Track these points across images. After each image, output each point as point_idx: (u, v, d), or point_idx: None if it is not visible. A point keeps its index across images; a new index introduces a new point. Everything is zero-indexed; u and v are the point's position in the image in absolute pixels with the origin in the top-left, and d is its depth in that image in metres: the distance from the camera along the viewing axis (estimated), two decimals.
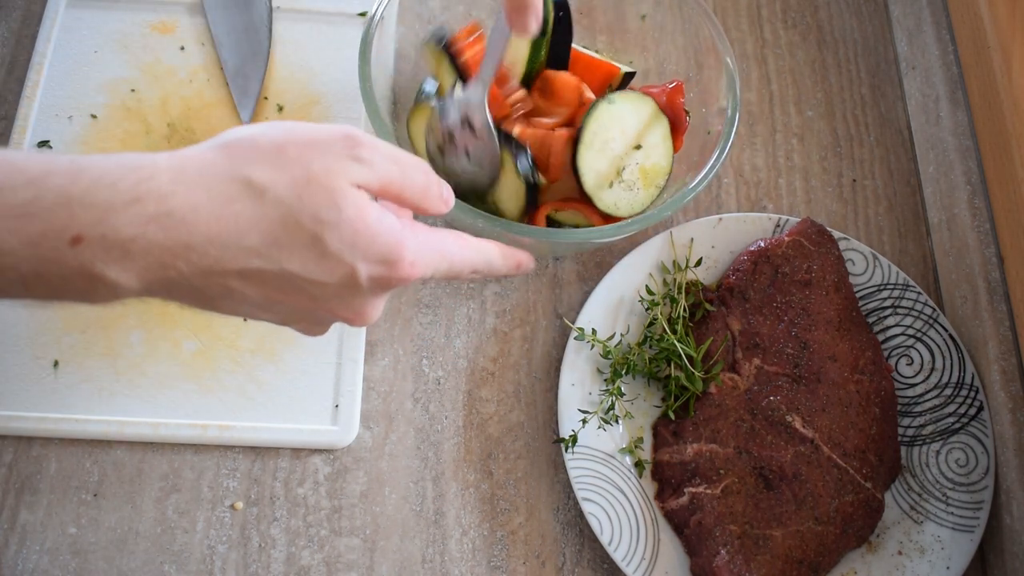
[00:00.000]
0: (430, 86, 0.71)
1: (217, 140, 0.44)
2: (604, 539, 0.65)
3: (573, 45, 0.71)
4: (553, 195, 0.70)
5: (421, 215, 0.51)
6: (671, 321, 0.71)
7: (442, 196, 0.51)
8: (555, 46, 0.70)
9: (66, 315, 0.70)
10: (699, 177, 0.67)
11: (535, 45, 0.70)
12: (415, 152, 0.70)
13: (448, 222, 0.69)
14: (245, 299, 0.45)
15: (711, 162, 0.67)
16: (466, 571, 0.66)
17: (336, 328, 0.71)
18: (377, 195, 0.47)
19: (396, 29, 0.78)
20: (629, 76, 0.73)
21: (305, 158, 0.44)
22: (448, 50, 0.69)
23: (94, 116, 0.77)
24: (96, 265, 0.40)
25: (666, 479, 0.68)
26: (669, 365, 0.70)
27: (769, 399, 0.69)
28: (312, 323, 0.50)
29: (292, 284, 0.45)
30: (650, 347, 0.72)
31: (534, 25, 0.58)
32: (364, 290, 0.47)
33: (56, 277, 0.40)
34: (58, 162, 0.40)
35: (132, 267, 0.41)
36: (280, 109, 0.79)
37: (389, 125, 0.67)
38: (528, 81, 0.71)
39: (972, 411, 0.70)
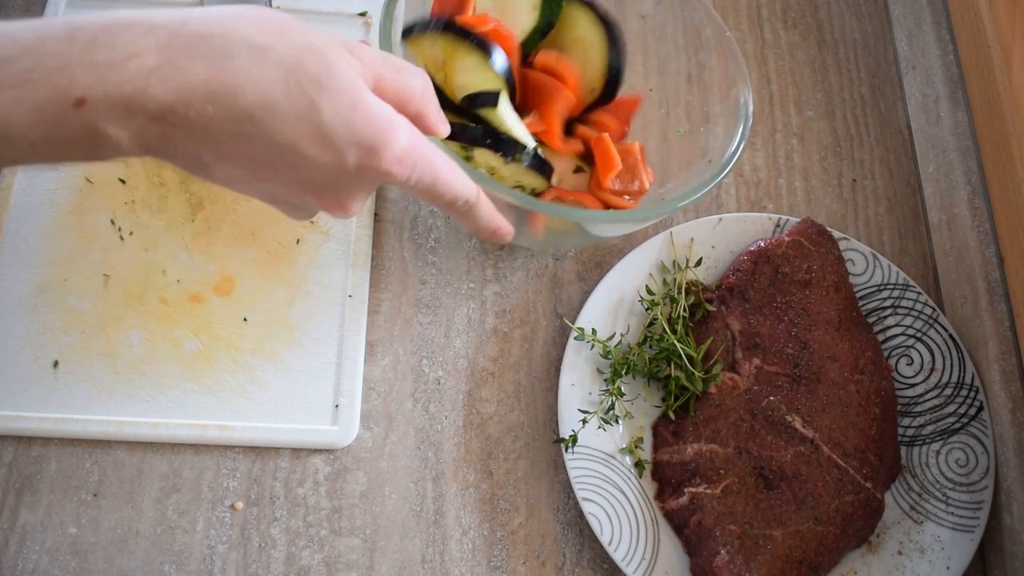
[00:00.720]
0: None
1: (218, 7, 0.44)
2: (604, 539, 0.65)
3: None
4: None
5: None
6: (671, 321, 0.71)
7: (441, 113, 0.51)
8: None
9: (66, 315, 0.70)
10: (703, 187, 0.66)
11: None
12: None
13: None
14: (235, 167, 0.45)
15: (716, 178, 0.66)
16: (466, 571, 0.66)
17: (336, 328, 0.71)
18: (371, 90, 0.46)
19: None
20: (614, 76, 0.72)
21: (305, 33, 0.44)
22: (456, 29, 0.64)
23: None
24: (100, 124, 0.40)
25: (666, 479, 0.68)
26: (669, 365, 0.70)
27: (769, 399, 0.69)
28: (295, 207, 0.49)
29: (281, 159, 0.44)
30: (650, 347, 0.72)
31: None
32: (350, 177, 0.46)
33: (63, 139, 0.41)
34: (52, 26, 0.40)
35: (132, 124, 0.41)
36: None
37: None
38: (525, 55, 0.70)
39: (972, 411, 0.70)
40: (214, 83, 0.41)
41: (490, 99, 0.63)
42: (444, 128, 0.52)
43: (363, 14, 0.82)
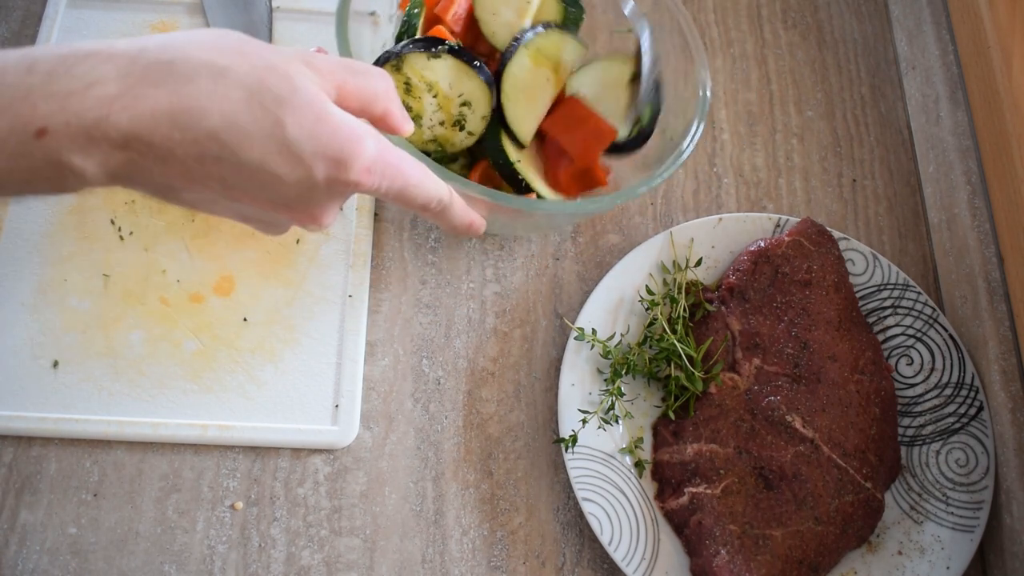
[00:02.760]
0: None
1: (176, 33, 0.44)
2: (604, 539, 0.65)
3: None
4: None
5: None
6: (671, 321, 0.71)
7: (405, 113, 0.51)
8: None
9: (66, 315, 0.70)
10: (671, 161, 0.67)
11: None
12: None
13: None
14: (204, 192, 0.45)
15: (684, 145, 0.67)
16: (466, 571, 0.66)
17: (336, 328, 0.71)
18: (334, 100, 0.46)
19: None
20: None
21: (264, 52, 0.44)
22: (460, 55, 0.67)
23: None
24: (63, 154, 0.40)
25: (666, 479, 0.68)
26: (669, 365, 0.70)
27: (769, 399, 0.69)
28: (268, 223, 0.50)
29: (250, 179, 0.44)
30: (650, 347, 0.72)
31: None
32: (320, 191, 0.46)
33: (26, 171, 0.40)
34: (9, 57, 0.40)
35: (96, 152, 0.41)
36: None
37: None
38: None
39: (972, 411, 0.70)
40: (177, 107, 0.41)
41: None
42: (408, 127, 0.53)
43: (372, 14, 0.82)
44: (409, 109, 0.66)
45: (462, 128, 0.67)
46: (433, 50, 0.66)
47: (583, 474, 0.67)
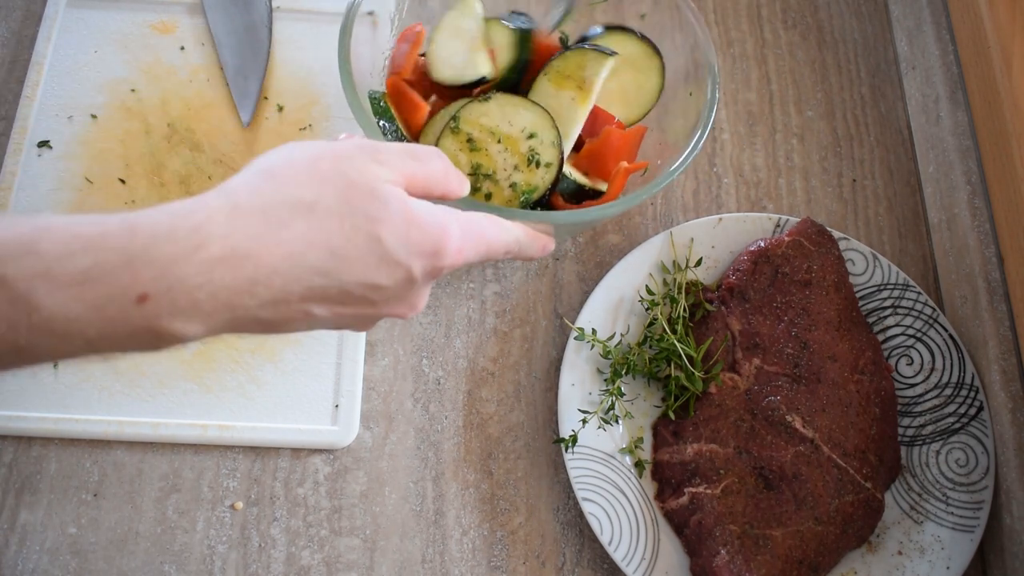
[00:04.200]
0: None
1: (252, 168, 0.45)
2: (604, 539, 0.65)
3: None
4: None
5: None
6: (671, 321, 0.71)
7: (460, 177, 0.52)
8: None
9: None
10: (677, 162, 0.66)
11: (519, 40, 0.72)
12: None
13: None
14: (308, 318, 0.45)
15: (692, 143, 0.67)
16: (466, 571, 0.66)
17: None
18: (404, 191, 0.48)
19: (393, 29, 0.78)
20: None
21: (340, 168, 0.45)
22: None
23: (94, 116, 0.77)
24: (163, 319, 0.40)
25: (666, 479, 0.68)
26: (669, 365, 0.70)
27: (769, 399, 0.69)
28: (365, 323, 0.50)
29: (354, 294, 0.45)
30: (650, 347, 0.72)
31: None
32: (419, 285, 0.48)
33: (123, 336, 0.40)
34: (111, 222, 0.40)
35: (198, 314, 0.41)
36: (280, 109, 0.79)
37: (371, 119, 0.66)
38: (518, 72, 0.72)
39: (972, 411, 0.70)
40: (278, 256, 0.42)
41: None
42: (466, 188, 0.54)
43: (371, 13, 0.82)
44: (479, 168, 0.66)
45: (538, 164, 0.65)
46: (482, 96, 0.66)
47: (583, 474, 0.67)
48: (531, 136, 0.66)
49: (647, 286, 0.73)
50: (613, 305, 0.73)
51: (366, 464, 0.69)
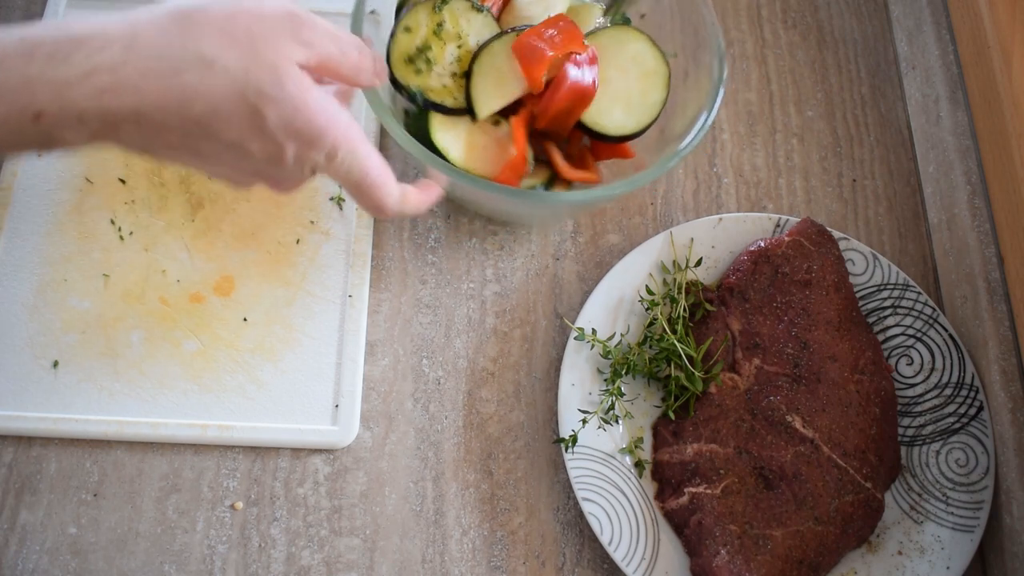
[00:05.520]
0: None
1: (167, 6, 0.47)
2: (604, 539, 0.65)
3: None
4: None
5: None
6: (671, 321, 0.71)
7: (374, 69, 0.55)
8: None
9: (66, 315, 0.70)
10: (686, 141, 0.66)
11: None
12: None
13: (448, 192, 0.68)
14: (179, 154, 0.49)
15: (701, 122, 0.67)
16: (466, 571, 0.66)
17: (336, 328, 0.71)
18: (314, 71, 0.50)
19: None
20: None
21: (253, 31, 0.47)
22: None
23: None
24: (55, 132, 0.44)
25: (666, 479, 0.68)
26: (669, 365, 0.70)
27: (769, 399, 0.69)
28: (237, 182, 0.53)
29: (225, 150, 0.48)
30: (650, 347, 0.72)
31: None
32: (288, 165, 0.50)
33: (18, 143, 0.45)
34: (9, 42, 0.43)
35: (86, 128, 0.44)
36: None
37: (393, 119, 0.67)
38: None
39: (972, 411, 0.70)
40: (164, 98, 0.45)
41: None
42: (376, 84, 0.56)
43: (373, 12, 0.82)
44: (428, 49, 0.68)
45: (464, 78, 0.68)
46: (480, 5, 0.69)
47: (583, 474, 0.67)
48: (475, 59, 0.68)
49: (647, 286, 0.73)
50: (613, 305, 0.73)
51: (366, 464, 0.69)
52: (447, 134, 0.68)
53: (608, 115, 0.69)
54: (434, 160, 0.63)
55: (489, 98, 0.68)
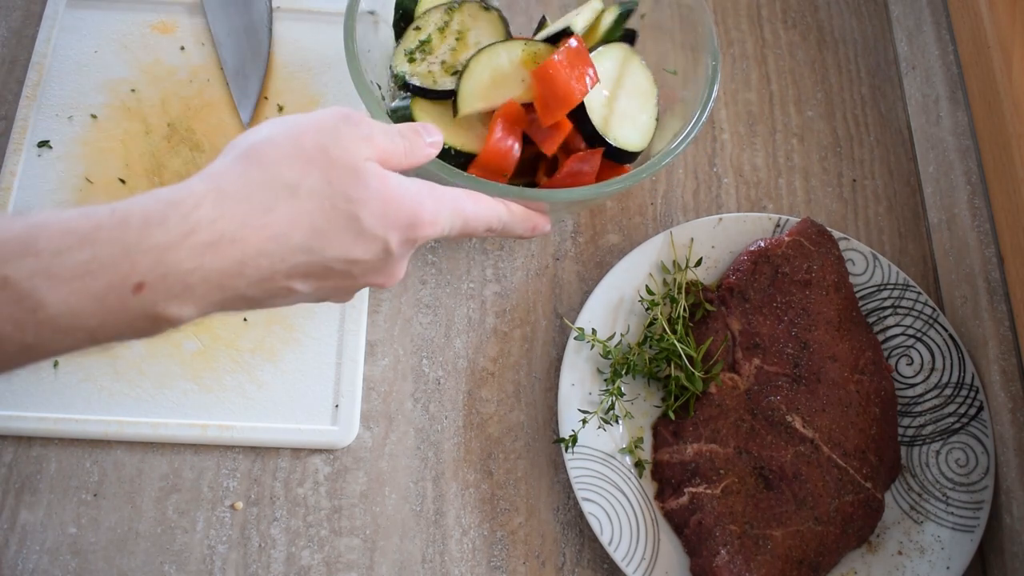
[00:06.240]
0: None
1: (235, 150, 0.46)
2: (604, 539, 0.65)
3: None
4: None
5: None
6: (671, 321, 0.71)
7: (426, 143, 0.55)
8: None
9: None
10: (680, 138, 0.66)
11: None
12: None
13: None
14: (291, 293, 0.48)
15: (694, 118, 0.67)
16: (466, 571, 0.66)
17: (336, 328, 0.71)
18: (379, 163, 0.50)
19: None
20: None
21: (322, 143, 0.47)
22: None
23: (94, 116, 0.77)
24: (159, 304, 0.42)
25: (666, 479, 0.68)
26: (669, 365, 0.70)
27: (769, 399, 0.69)
28: (345, 294, 0.52)
29: (334, 268, 0.48)
30: (650, 347, 0.72)
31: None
32: (395, 256, 0.50)
33: (122, 324, 0.42)
34: (102, 213, 0.41)
35: (191, 297, 0.43)
36: (280, 109, 0.79)
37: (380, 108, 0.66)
38: None
39: (972, 411, 0.70)
40: (264, 238, 0.44)
41: None
42: (436, 146, 0.56)
43: (372, 13, 0.82)
44: (428, 42, 0.70)
45: (454, 75, 0.69)
46: (489, 5, 0.71)
47: (583, 474, 0.67)
48: (472, 56, 0.68)
49: (647, 286, 0.73)
50: (613, 305, 0.73)
51: (366, 464, 0.69)
52: (427, 118, 0.69)
53: (619, 130, 0.70)
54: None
55: (475, 98, 0.68)
